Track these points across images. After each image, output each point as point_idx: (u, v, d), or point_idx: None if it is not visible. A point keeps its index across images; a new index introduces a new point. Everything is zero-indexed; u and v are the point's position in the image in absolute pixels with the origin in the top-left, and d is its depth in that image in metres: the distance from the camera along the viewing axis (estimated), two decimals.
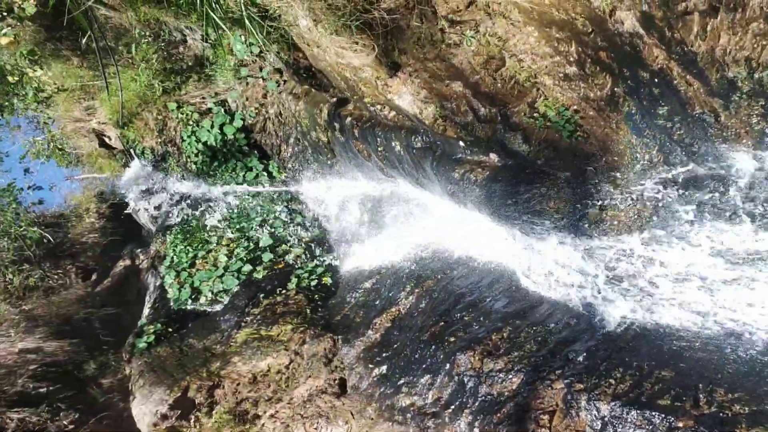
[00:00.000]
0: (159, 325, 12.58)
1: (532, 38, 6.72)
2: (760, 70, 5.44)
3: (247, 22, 7.73)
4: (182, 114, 14.89)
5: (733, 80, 5.66)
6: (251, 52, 12.79)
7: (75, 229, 20.83)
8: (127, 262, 19.40)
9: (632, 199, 7.20)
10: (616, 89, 6.62)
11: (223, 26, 8.49)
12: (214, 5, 7.41)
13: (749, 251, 6.50)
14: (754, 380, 6.22)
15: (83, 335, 15.93)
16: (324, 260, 12.82)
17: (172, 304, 13.31)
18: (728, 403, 6.09)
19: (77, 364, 15.03)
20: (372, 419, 8.82)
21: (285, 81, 12.94)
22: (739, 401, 6.06)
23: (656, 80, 6.18)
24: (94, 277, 19.38)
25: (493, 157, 8.43)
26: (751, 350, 6.50)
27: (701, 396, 6.27)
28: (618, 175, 7.30)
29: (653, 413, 6.28)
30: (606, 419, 6.54)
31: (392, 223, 11.53)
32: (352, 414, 9.20)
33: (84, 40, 15.72)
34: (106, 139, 19.44)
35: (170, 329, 12.53)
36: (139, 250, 19.27)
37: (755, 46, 5.32)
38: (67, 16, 9.75)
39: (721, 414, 6.01)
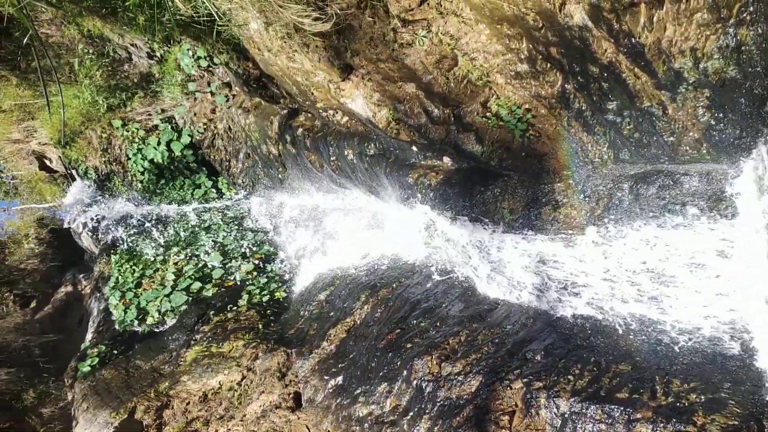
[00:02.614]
0: (103, 348, 12.12)
1: (484, 36, 6.78)
2: (704, 60, 5.57)
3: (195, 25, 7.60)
4: (127, 131, 14.56)
5: (679, 71, 5.78)
6: (199, 66, 12.62)
7: (13, 256, 20.11)
8: (69, 288, 18.77)
9: (584, 197, 7.27)
10: (566, 86, 6.71)
11: (173, 32, 8.34)
12: (164, 4, 7.25)
13: (698, 245, 6.62)
14: (708, 369, 6.29)
15: (22, 364, 15.32)
16: (276, 275, 12.58)
17: (117, 326, 12.85)
18: (684, 392, 6.13)
19: (15, 393, 14.41)
20: (329, 431, 8.58)
21: (234, 95, 12.79)
22: (695, 390, 6.10)
23: (605, 74, 6.28)
24: (33, 304, 18.69)
25: (447, 160, 8.45)
26: (702, 341, 6.59)
27: (658, 387, 6.30)
28: (570, 173, 7.38)
29: (612, 407, 6.26)
30: (566, 416, 6.50)
31: (346, 234, 11.41)
32: (308, 428, 8.94)
33: (23, 59, 15.31)
34: (47, 162, 18.92)
35: (115, 351, 12.08)
36: (81, 275, 18.69)
37: (699, 36, 5.46)
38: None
39: (677, 404, 6.03)
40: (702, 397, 6.00)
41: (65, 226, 17.75)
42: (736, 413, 5.73)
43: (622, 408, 6.21)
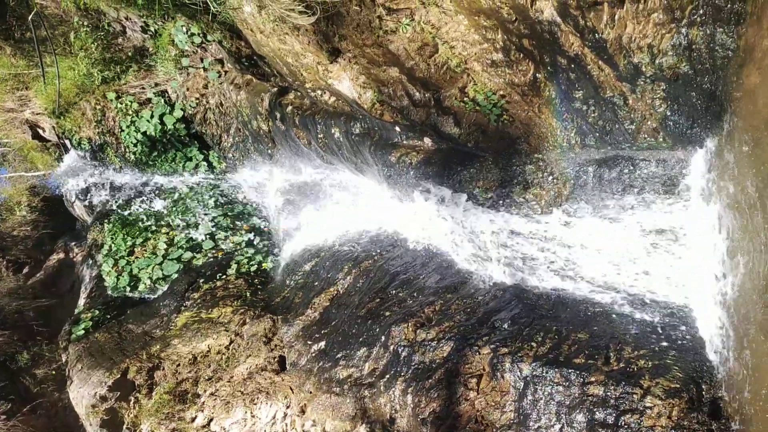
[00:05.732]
0: (96, 312, 12.62)
1: (462, 26, 7.27)
2: (660, 56, 6.09)
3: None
4: (121, 104, 14.91)
5: (638, 65, 6.31)
6: (192, 42, 12.98)
7: (5, 223, 20.41)
8: (61, 255, 19.14)
9: (553, 179, 7.83)
10: (537, 75, 7.24)
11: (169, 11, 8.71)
12: None
13: (652, 225, 7.22)
14: (656, 338, 6.91)
15: (15, 327, 15.75)
16: (264, 246, 13.11)
17: (109, 291, 13.36)
18: (634, 359, 6.75)
19: (10, 355, 14.87)
20: (311, 392, 9.18)
21: (226, 71, 13.18)
22: (644, 357, 6.72)
23: (573, 66, 6.80)
24: (25, 270, 19.07)
25: (427, 141, 8.97)
26: (654, 312, 7.21)
27: (611, 354, 6.92)
28: (540, 156, 7.93)
29: (569, 371, 6.88)
30: (528, 379, 7.11)
31: (331, 208, 11.93)
32: (291, 389, 9.52)
33: (18, 29, 15.52)
34: (40, 131, 19.13)
35: (108, 316, 12.59)
36: (73, 243, 19.03)
37: (656, 34, 5.98)
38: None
39: (628, 369, 6.65)
40: (650, 363, 6.62)
41: (58, 194, 18.07)
42: (678, 377, 6.36)
43: (578, 372, 6.84)
